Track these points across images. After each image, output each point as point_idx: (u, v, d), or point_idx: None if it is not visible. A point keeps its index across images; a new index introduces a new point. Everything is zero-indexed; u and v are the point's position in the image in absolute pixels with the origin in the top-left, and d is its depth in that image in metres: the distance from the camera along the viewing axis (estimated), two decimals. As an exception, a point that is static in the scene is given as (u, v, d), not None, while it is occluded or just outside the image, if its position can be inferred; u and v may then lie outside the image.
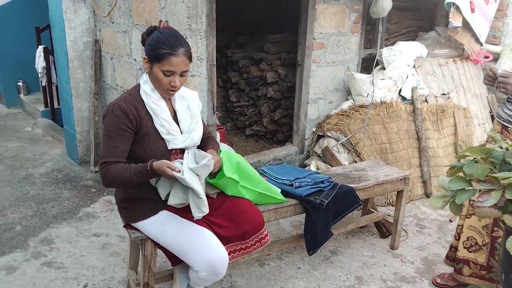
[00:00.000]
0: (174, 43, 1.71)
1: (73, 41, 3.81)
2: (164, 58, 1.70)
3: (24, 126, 5.43)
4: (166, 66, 1.71)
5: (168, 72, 1.73)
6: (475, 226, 2.30)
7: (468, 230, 2.33)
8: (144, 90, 1.82)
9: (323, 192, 2.40)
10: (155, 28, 1.80)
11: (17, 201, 3.37)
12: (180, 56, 1.71)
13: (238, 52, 5.06)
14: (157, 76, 1.75)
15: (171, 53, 1.70)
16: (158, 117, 1.81)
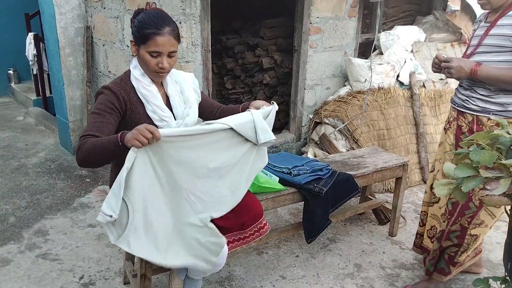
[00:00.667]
0: (159, 22, 1.65)
1: (63, 28, 3.71)
2: (149, 38, 1.64)
3: (16, 116, 5.34)
4: (152, 46, 1.65)
5: (155, 53, 1.66)
6: (436, 214, 2.28)
7: (431, 219, 2.31)
8: (134, 76, 1.75)
9: (322, 180, 2.37)
10: (142, 10, 1.73)
11: (10, 192, 3.31)
12: (165, 35, 1.64)
13: (233, 37, 4.96)
14: (144, 58, 1.68)
15: (155, 32, 1.63)
16: (149, 103, 1.75)
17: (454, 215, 2.12)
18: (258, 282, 2.38)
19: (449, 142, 2.19)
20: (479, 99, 1.98)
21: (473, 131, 1.99)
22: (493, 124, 1.93)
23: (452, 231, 2.14)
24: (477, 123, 2.01)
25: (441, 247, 2.19)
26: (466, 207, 2.08)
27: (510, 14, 1.88)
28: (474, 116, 2.02)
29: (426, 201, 2.37)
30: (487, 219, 2.07)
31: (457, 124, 2.11)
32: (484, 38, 1.94)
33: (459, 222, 2.11)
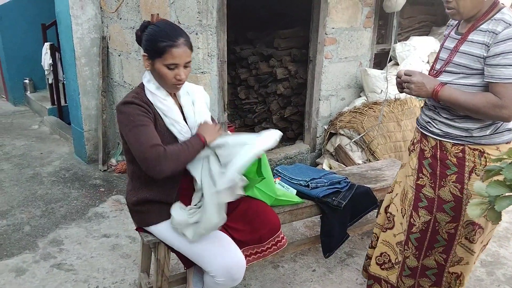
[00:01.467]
0: (173, 34, 1.62)
1: (80, 38, 3.75)
2: (165, 51, 1.61)
3: (31, 124, 5.39)
4: (168, 59, 1.62)
5: (172, 66, 1.63)
6: (389, 241, 2.08)
7: (383, 246, 2.10)
8: (149, 90, 1.71)
9: (341, 193, 2.33)
10: (149, 22, 1.70)
11: (25, 201, 3.33)
12: (181, 47, 1.62)
13: (247, 48, 4.97)
14: (160, 71, 1.65)
15: (171, 44, 1.60)
16: (167, 117, 1.72)
17: (422, 250, 1.93)
18: (274, 297, 2.33)
19: (411, 166, 1.97)
20: (442, 123, 1.77)
21: (436, 158, 1.81)
22: (458, 151, 1.74)
23: (427, 267, 1.96)
24: (441, 148, 1.80)
25: (419, 285, 2.00)
26: (434, 240, 1.89)
27: (481, 28, 1.63)
28: (437, 141, 1.81)
29: (380, 224, 2.17)
30: (466, 255, 1.85)
31: (420, 148, 1.91)
32: (453, 55, 1.71)
33: (432, 257, 1.93)
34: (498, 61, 1.55)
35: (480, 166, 1.71)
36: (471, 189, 1.73)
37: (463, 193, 1.75)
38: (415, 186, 1.92)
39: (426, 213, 1.88)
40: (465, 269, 1.89)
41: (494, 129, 1.70)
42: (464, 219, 1.79)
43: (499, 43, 1.54)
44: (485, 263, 2.69)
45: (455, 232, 1.82)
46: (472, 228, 1.79)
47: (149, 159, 1.58)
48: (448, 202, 1.80)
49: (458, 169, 1.75)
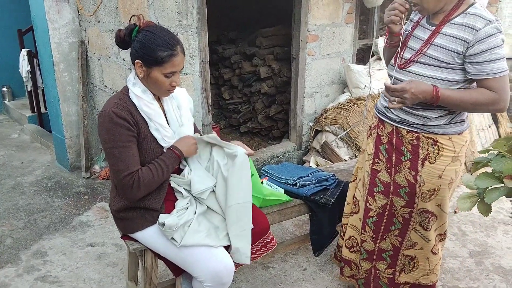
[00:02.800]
0: (172, 42, 1.59)
1: (57, 43, 3.66)
2: (166, 61, 1.58)
3: (11, 133, 5.25)
4: (168, 68, 1.60)
5: (170, 74, 1.62)
6: (356, 225, 2.13)
7: (350, 230, 2.16)
8: (134, 93, 1.66)
9: (328, 191, 2.31)
10: (135, 26, 1.63)
11: (6, 213, 3.23)
12: (180, 55, 1.61)
13: (229, 47, 4.93)
14: (158, 79, 1.62)
15: (172, 54, 1.58)
16: (152, 121, 1.68)
17: (379, 233, 1.99)
18: (266, 298, 2.30)
19: (368, 151, 2.01)
20: (401, 109, 1.78)
21: (392, 143, 1.85)
22: (413, 138, 1.78)
23: (383, 250, 2.01)
24: (397, 134, 1.83)
25: (376, 269, 2.06)
26: (390, 223, 1.94)
27: (455, 21, 1.63)
28: (394, 127, 1.84)
29: (347, 213, 2.20)
30: (420, 241, 1.91)
31: (377, 133, 1.94)
32: (427, 47, 1.68)
33: (388, 240, 1.98)
34: (485, 57, 1.56)
35: (433, 155, 1.76)
36: (424, 176, 1.79)
37: (417, 180, 1.81)
38: (371, 171, 1.97)
39: (382, 197, 1.93)
40: (419, 254, 1.95)
41: (449, 119, 1.74)
42: (418, 206, 1.85)
43: (481, 41, 1.56)
44: (473, 253, 2.71)
45: (410, 218, 1.89)
46: (425, 216, 1.86)
47: (124, 186, 1.62)
48: (403, 187, 1.85)
49: (412, 156, 1.80)
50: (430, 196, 1.82)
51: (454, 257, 2.67)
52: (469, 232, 2.96)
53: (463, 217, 3.14)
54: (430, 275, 1.99)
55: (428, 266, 1.96)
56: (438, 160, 1.76)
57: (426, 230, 1.88)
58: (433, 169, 1.77)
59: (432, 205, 1.84)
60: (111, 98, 1.69)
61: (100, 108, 2.75)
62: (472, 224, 3.05)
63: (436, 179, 1.78)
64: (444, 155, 1.75)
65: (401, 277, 2.02)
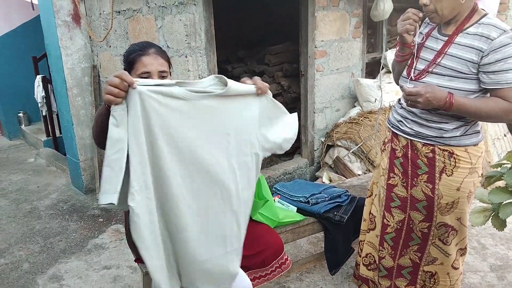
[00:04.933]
0: (143, 45, 1.62)
1: (70, 68, 3.74)
2: (135, 61, 1.58)
3: (27, 158, 5.35)
4: (140, 68, 1.58)
5: (145, 74, 1.57)
6: (373, 242, 2.08)
7: (367, 247, 2.11)
8: None
9: (342, 207, 2.28)
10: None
11: (23, 237, 3.26)
12: (151, 55, 1.59)
13: (239, 66, 4.98)
14: None
15: (141, 53, 1.59)
16: None
17: (398, 249, 1.95)
18: (283, 319, 2.26)
19: (383, 166, 1.97)
20: (415, 122, 1.77)
21: (408, 157, 1.82)
22: (428, 151, 1.75)
23: (403, 266, 1.97)
24: (412, 148, 1.80)
25: (395, 287, 2.00)
26: (409, 238, 1.90)
27: (468, 31, 1.62)
28: (408, 140, 1.81)
29: (364, 229, 2.15)
30: (440, 256, 1.87)
31: (391, 147, 1.91)
32: (440, 56, 1.67)
33: (407, 256, 1.94)
34: (500, 66, 1.56)
35: (450, 167, 1.74)
36: (442, 189, 1.76)
37: (435, 193, 1.78)
38: (386, 186, 1.94)
39: (399, 212, 1.90)
40: (439, 269, 1.90)
41: (464, 130, 1.72)
42: (437, 220, 1.81)
43: (497, 50, 1.55)
44: (494, 267, 2.63)
45: (429, 232, 1.85)
46: (445, 230, 1.82)
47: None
48: (420, 201, 1.82)
49: (428, 169, 1.78)
50: (449, 209, 1.78)
51: (475, 271, 2.60)
52: (489, 245, 2.88)
53: (482, 230, 3.07)
54: None
55: (449, 281, 1.91)
56: (455, 173, 1.73)
57: (446, 244, 1.84)
58: (451, 181, 1.74)
59: (451, 219, 1.80)
60: None
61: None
62: (492, 237, 2.97)
63: (454, 191, 1.75)
64: (461, 167, 1.73)
65: None
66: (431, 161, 1.76)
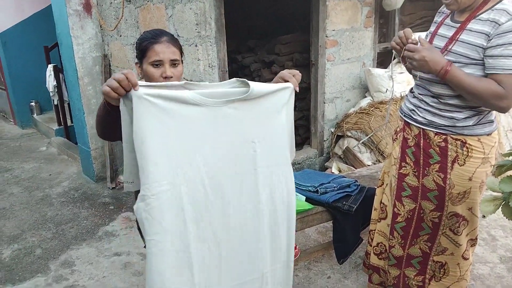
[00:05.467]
0: (156, 33, 1.62)
1: (81, 58, 3.76)
2: (148, 49, 1.59)
3: (39, 146, 5.42)
4: (152, 56, 1.58)
5: (157, 62, 1.58)
6: (384, 231, 2.07)
7: (378, 236, 2.10)
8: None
9: (351, 197, 2.28)
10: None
11: (35, 224, 3.32)
12: (163, 43, 1.59)
13: (249, 56, 4.96)
14: (148, 72, 1.60)
15: (153, 41, 1.59)
16: None
17: (408, 238, 1.95)
18: (291, 307, 2.28)
19: (394, 155, 1.96)
20: (427, 111, 1.76)
21: (420, 146, 1.81)
22: (441, 140, 1.74)
23: (412, 256, 1.96)
24: (424, 137, 1.80)
25: (404, 276, 2.01)
26: (419, 228, 1.90)
27: (481, 17, 1.60)
28: (421, 129, 1.80)
29: (374, 219, 2.15)
30: (451, 246, 1.86)
31: (403, 136, 1.90)
32: (451, 43, 1.66)
33: (417, 246, 1.93)
34: (500, 51, 1.53)
35: (462, 157, 1.72)
36: (454, 179, 1.75)
37: (446, 183, 1.77)
38: (398, 176, 1.93)
39: (410, 202, 1.89)
40: (449, 260, 1.90)
41: (477, 120, 1.70)
42: (448, 210, 1.80)
43: (501, 35, 1.53)
44: (504, 259, 2.62)
45: (439, 222, 1.84)
46: (456, 220, 1.81)
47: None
48: (432, 190, 1.81)
49: (441, 158, 1.76)
50: (460, 199, 1.77)
51: (484, 263, 2.59)
52: (499, 237, 2.86)
53: (492, 221, 3.04)
54: (461, 281, 1.93)
55: (459, 272, 1.91)
56: (467, 162, 1.72)
57: (457, 234, 1.83)
58: (463, 171, 1.73)
59: (462, 209, 1.79)
60: None
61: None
62: (502, 229, 2.95)
63: (467, 181, 1.74)
64: (474, 156, 1.71)
65: (431, 285, 1.96)
66: (443, 151, 1.75)
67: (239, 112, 1.29)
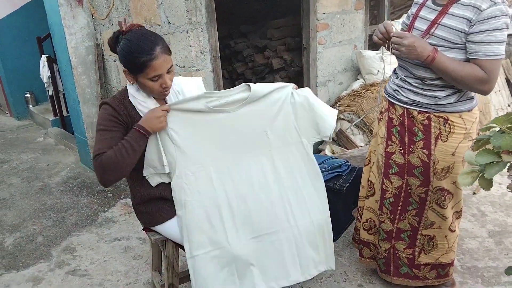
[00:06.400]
0: (148, 46, 1.56)
1: (74, 47, 3.78)
2: (146, 66, 1.57)
3: (36, 137, 5.46)
4: (150, 73, 1.58)
5: (155, 78, 1.61)
6: (372, 207, 2.15)
7: (367, 212, 2.18)
8: (130, 93, 1.71)
9: (342, 177, 2.34)
10: (120, 32, 1.65)
11: (36, 212, 3.39)
12: (160, 57, 1.57)
13: (241, 41, 4.98)
14: (146, 85, 1.63)
15: (150, 58, 1.55)
16: None
17: (397, 213, 2.02)
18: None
19: (380, 135, 2.03)
20: (410, 91, 1.81)
21: (404, 125, 1.87)
22: (424, 118, 1.80)
23: (402, 230, 2.04)
24: (408, 116, 1.85)
25: (395, 249, 2.08)
26: (407, 203, 1.97)
27: (462, 1, 1.62)
28: (405, 108, 1.86)
29: (363, 196, 2.22)
30: (438, 220, 1.95)
31: (388, 116, 1.96)
32: (433, 27, 1.68)
33: (406, 220, 2.01)
34: (482, 38, 1.58)
35: (445, 133, 1.79)
36: (437, 155, 1.82)
37: (431, 159, 1.84)
38: (385, 154, 2.00)
39: (398, 178, 1.97)
40: (437, 233, 1.98)
41: (458, 97, 1.76)
42: (433, 185, 1.88)
43: (483, 21, 1.57)
44: (493, 233, 2.70)
45: (426, 197, 1.92)
46: (441, 194, 1.89)
47: (94, 169, 1.59)
48: (417, 167, 1.88)
49: (424, 136, 1.83)
50: (444, 174, 1.85)
51: (473, 237, 2.67)
52: (489, 212, 2.94)
53: (482, 198, 3.12)
54: (449, 253, 2.02)
55: (447, 244, 2.00)
56: (450, 138, 1.79)
57: (443, 208, 1.91)
58: (446, 147, 1.80)
59: (447, 183, 1.87)
60: (114, 94, 1.76)
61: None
62: (492, 205, 3.03)
63: (450, 156, 1.81)
64: (456, 132, 1.78)
65: (421, 257, 2.05)
66: (427, 128, 1.81)
67: (250, 111, 1.71)
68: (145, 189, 1.77)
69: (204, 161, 1.69)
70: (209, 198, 1.69)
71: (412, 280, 2.10)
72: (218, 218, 1.68)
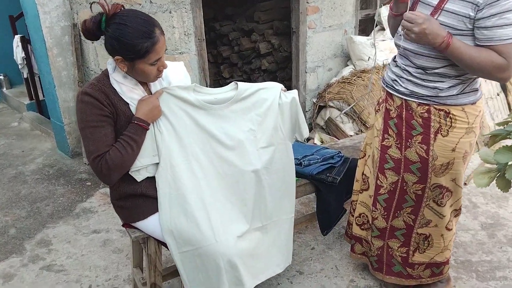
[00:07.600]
0: (148, 29, 1.45)
1: (49, 27, 3.54)
2: (148, 52, 1.45)
3: (10, 122, 5.20)
4: (152, 58, 1.48)
5: (155, 61, 1.50)
6: (366, 202, 2.07)
7: (360, 207, 2.10)
8: (115, 79, 1.56)
9: (335, 168, 2.24)
10: (102, 15, 1.48)
11: (8, 202, 3.19)
12: (161, 39, 1.48)
13: (227, 24, 4.78)
14: (144, 70, 1.51)
15: (152, 43, 1.45)
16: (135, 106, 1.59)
17: (391, 210, 1.93)
18: (275, 280, 2.26)
19: (377, 127, 1.93)
20: (410, 81, 1.70)
21: (402, 117, 1.76)
22: (423, 111, 1.69)
23: (396, 228, 1.95)
24: (406, 108, 1.74)
25: (388, 247, 2.00)
26: (402, 200, 1.88)
27: None
28: (403, 100, 1.75)
29: (356, 190, 2.13)
30: (434, 218, 1.85)
31: (386, 108, 1.85)
32: (437, 13, 1.57)
33: (401, 218, 1.91)
34: (494, 22, 1.46)
35: (445, 127, 1.68)
36: (437, 150, 1.71)
37: (429, 155, 1.73)
38: (380, 147, 1.89)
39: (393, 174, 1.85)
40: (433, 231, 1.89)
41: (461, 89, 1.64)
42: (431, 182, 1.77)
43: (492, 4, 1.45)
44: (485, 225, 2.65)
45: (423, 194, 1.81)
46: (439, 191, 1.78)
47: (95, 170, 1.54)
48: (414, 163, 1.78)
49: (423, 129, 1.72)
50: (443, 170, 1.74)
51: (466, 230, 2.61)
52: (480, 204, 2.89)
53: (473, 188, 3.07)
54: (445, 252, 1.93)
55: (443, 243, 1.91)
56: (451, 133, 1.68)
57: (440, 206, 1.82)
58: (446, 142, 1.69)
59: (446, 180, 1.76)
60: (91, 80, 1.60)
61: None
62: (483, 196, 2.98)
63: (450, 152, 1.70)
64: (458, 127, 1.67)
65: (415, 256, 1.96)
66: (426, 122, 1.70)
67: (238, 109, 1.72)
68: (126, 185, 1.64)
69: (189, 154, 1.65)
70: (194, 191, 1.65)
71: (406, 279, 2.02)
72: (203, 213, 1.63)
